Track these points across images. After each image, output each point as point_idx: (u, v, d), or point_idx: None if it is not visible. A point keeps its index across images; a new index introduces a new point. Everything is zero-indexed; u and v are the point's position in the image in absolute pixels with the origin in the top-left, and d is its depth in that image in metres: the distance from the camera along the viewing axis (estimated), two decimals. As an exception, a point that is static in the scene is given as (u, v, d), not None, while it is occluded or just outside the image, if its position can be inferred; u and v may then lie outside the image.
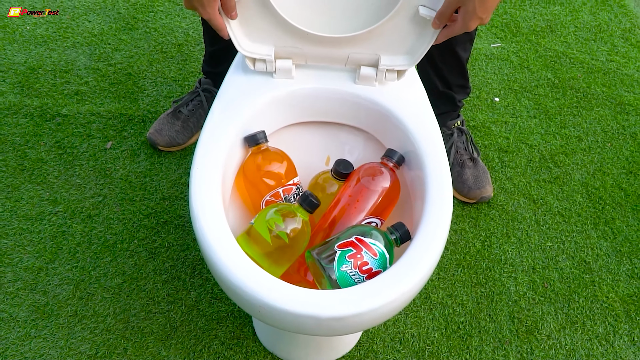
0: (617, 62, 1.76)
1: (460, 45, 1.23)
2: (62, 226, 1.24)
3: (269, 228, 0.81)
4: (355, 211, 0.86)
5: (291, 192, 0.90)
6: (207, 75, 1.44)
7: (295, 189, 0.91)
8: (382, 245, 0.78)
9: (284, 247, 0.81)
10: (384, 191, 0.87)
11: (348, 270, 0.76)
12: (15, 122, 1.42)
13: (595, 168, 1.46)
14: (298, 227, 0.82)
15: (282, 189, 0.89)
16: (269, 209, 0.83)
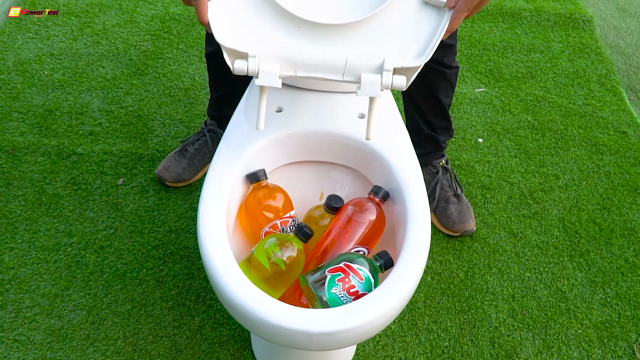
0: (593, 106, 1.89)
1: (442, 92, 1.36)
2: (77, 256, 1.35)
3: (267, 256, 0.92)
4: (345, 241, 0.97)
5: (288, 224, 1.00)
6: (212, 118, 1.55)
7: (292, 221, 1.01)
8: (367, 270, 0.88)
9: (280, 272, 0.92)
10: (370, 223, 0.97)
11: (337, 293, 0.86)
12: (34, 160, 1.54)
13: (571, 204, 1.57)
14: (293, 255, 0.93)
15: (280, 221, 0.99)
16: (267, 238, 0.94)
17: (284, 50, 0.83)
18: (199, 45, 1.94)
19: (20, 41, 1.87)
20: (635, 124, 1.84)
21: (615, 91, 1.96)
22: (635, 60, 2.14)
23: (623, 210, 1.57)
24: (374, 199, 1.00)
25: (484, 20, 2.19)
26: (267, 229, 0.99)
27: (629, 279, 1.41)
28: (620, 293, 1.38)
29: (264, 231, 0.99)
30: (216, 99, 1.48)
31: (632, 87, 2.03)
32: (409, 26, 0.83)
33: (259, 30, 0.83)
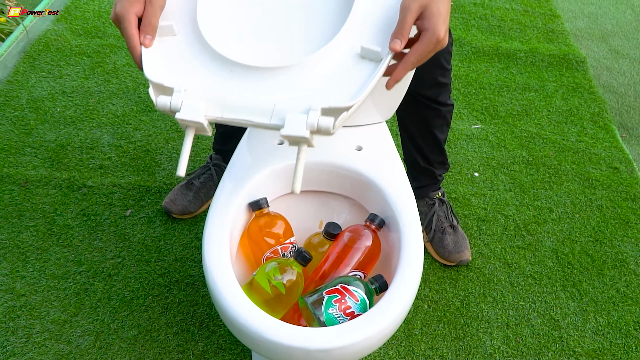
0: (586, 142, 1.95)
1: (438, 128, 1.42)
2: (85, 284, 1.40)
3: (268, 279, 0.97)
4: (343, 265, 1.02)
5: (288, 250, 1.05)
6: (217, 152, 1.62)
7: (292, 247, 1.06)
8: (363, 292, 0.93)
9: (280, 295, 0.96)
10: (366, 249, 1.03)
11: (334, 313, 0.91)
12: (45, 193, 1.60)
13: (564, 236, 1.61)
14: (293, 279, 0.98)
15: (280, 247, 1.05)
16: (268, 263, 0.99)
17: (213, 91, 0.82)
18: (205, 83, 2.03)
19: (34, 80, 1.96)
20: (627, 160, 1.90)
21: (607, 129, 2.03)
22: (627, 99, 2.21)
23: (615, 242, 1.61)
24: (370, 226, 1.05)
25: (480, 60, 2.28)
26: (268, 254, 1.04)
27: (620, 309, 1.44)
28: (612, 322, 1.41)
29: (265, 256, 1.04)
30: (221, 134, 1.55)
31: (624, 124, 2.09)
32: (342, 73, 0.80)
33: (191, 70, 0.82)
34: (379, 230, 1.06)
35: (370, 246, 1.03)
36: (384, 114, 1.23)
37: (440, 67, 1.30)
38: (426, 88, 1.33)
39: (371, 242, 1.03)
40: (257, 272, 0.98)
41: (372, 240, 1.03)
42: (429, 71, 1.23)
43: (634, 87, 2.28)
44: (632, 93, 2.24)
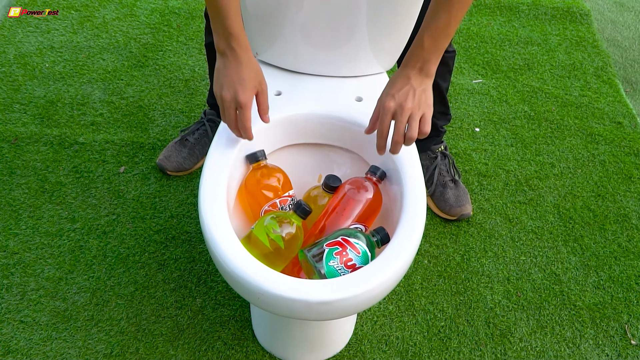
0: (589, 97, 1.92)
1: (440, 76, 1.38)
2: (80, 241, 1.37)
3: (266, 232, 0.94)
4: (343, 218, 0.99)
5: (286, 203, 1.03)
6: (211, 107, 1.58)
7: (290, 200, 1.03)
8: (364, 244, 0.91)
9: (279, 249, 0.94)
10: (367, 201, 1.00)
11: (335, 266, 0.89)
12: (36, 150, 1.56)
13: (566, 191, 1.59)
14: (292, 232, 0.95)
15: (279, 200, 1.02)
16: (266, 216, 0.96)
17: None
18: (198, 37, 1.97)
19: (21, 35, 1.90)
20: (630, 115, 1.86)
21: (611, 83, 1.99)
22: (632, 53, 2.17)
23: (617, 197, 1.59)
24: (371, 178, 1.02)
25: (481, 13, 2.22)
26: (266, 208, 1.01)
27: (622, 263, 1.43)
28: (613, 276, 1.40)
29: (264, 210, 1.01)
30: (216, 88, 1.50)
31: (628, 79, 2.05)
32: None
33: None
34: (380, 183, 1.03)
35: (372, 199, 1.00)
36: (385, 64, 1.19)
37: None
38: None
39: (372, 195, 1.00)
40: (255, 226, 0.96)
41: (374, 192, 1.00)
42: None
43: (638, 40, 2.23)
44: (636, 47, 2.19)
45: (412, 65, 0.91)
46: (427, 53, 0.90)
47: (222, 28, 0.90)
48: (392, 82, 0.92)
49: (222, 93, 0.92)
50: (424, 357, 1.22)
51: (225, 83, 0.92)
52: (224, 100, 0.92)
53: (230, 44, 0.91)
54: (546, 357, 1.24)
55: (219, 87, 0.92)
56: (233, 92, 0.91)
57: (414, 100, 0.89)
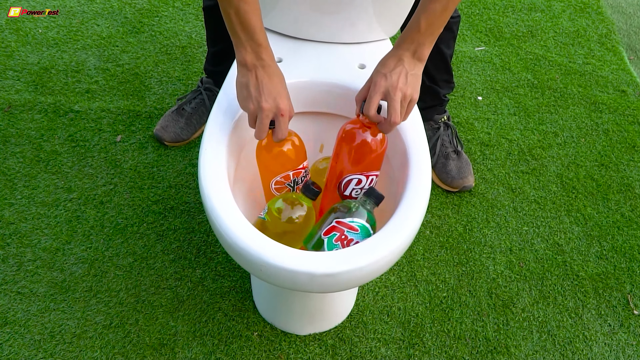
0: (593, 65, 1.88)
1: (444, 42, 1.35)
2: (77, 211, 1.35)
3: (276, 215, 0.92)
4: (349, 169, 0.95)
5: (300, 175, 0.99)
6: (208, 75, 1.54)
7: (304, 172, 0.99)
8: (360, 218, 0.89)
9: (291, 231, 0.92)
10: (366, 145, 0.94)
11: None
12: (30, 118, 1.53)
13: (569, 161, 1.57)
14: (303, 214, 0.93)
15: (293, 172, 0.98)
16: (276, 200, 0.94)
17: None
18: (195, 3, 1.92)
19: (12, 0, 1.85)
20: (634, 83, 1.84)
21: (615, 50, 1.96)
22: (636, 20, 2.12)
23: (620, 166, 1.57)
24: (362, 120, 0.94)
25: (483, -21, 2.17)
26: (278, 179, 0.98)
27: (625, 233, 1.42)
28: (616, 246, 1.39)
29: (275, 180, 0.98)
30: (214, 54, 1.47)
31: (632, 46, 2.02)
32: None
33: None
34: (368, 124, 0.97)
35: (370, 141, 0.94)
36: (388, 30, 1.15)
37: None
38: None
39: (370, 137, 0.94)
40: (266, 214, 0.93)
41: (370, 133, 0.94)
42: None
43: (643, 7, 2.18)
44: (641, 13, 2.15)
45: (405, 47, 0.89)
46: (422, 36, 0.88)
47: (251, 42, 0.88)
48: (384, 61, 0.91)
49: (262, 104, 0.88)
50: (426, 328, 1.21)
51: (264, 94, 0.88)
52: (263, 110, 0.88)
53: (261, 56, 0.89)
54: (548, 328, 1.24)
55: (252, 101, 0.88)
56: (273, 102, 0.88)
57: (406, 82, 0.88)
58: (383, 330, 1.20)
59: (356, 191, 0.98)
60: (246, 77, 0.89)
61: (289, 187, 0.99)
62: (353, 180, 0.97)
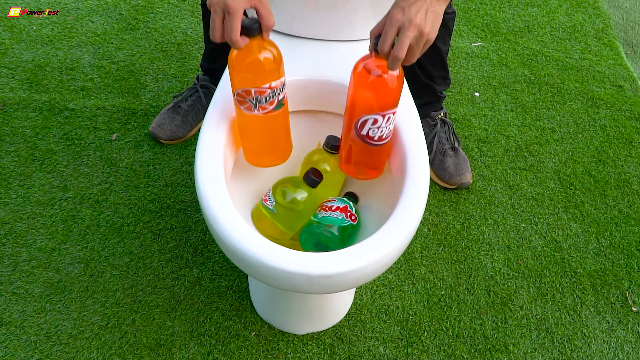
0: (590, 60, 1.88)
1: (440, 38, 1.34)
2: (72, 211, 1.34)
3: (282, 197, 0.94)
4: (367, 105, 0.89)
5: (264, 95, 0.88)
6: (205, 72, 1.53)
7: (270, 93, 0.88)
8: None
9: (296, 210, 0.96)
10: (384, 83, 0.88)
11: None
12: (25, 116, 1.52)
13: (567, 157, 1.57)
14: (305, 196, 0.96)
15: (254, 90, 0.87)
16: (279, 186, 0.96)
17: None
18: (190, -1, 1.91)
19: (5, 7, 1.83)
20: (631, 78, 1.83)
21: (612, 45, 1.95)
22: (633, 15, 2.12)
23: (618, 162, 1.57)
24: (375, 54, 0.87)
25: (480, -27, 2.16)
26: (239, 91, 0.87)
27: (623, 229, 1.42)
28: (614, 243, 1.39)
29: (237, 92, 0.88)
30: (211, 51, 1.45)
31: (629, 41, 2.01)
32: None
33: None
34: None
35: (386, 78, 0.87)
36: (386, 27, 1.14)
37: None
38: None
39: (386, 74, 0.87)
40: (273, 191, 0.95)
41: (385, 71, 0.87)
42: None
43: (639, 1, 2.18)
44: (637, 8, 2.15)
45: None
46: None
47: None
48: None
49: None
50: (425, 326, 1.21)
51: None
52: (212, 4, 0.80)
53: None
54: (547, 325, 1.23)
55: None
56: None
57: (425, 18, 0.80)
58: (381, 329, 1.20)
59: (373, 130, 0.92)
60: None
61: (249, 104, 0.88)
62: (369, 120, 0.91)
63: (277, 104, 0.91)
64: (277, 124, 0.95)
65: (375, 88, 0.88)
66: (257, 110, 0.89)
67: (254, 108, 0.89)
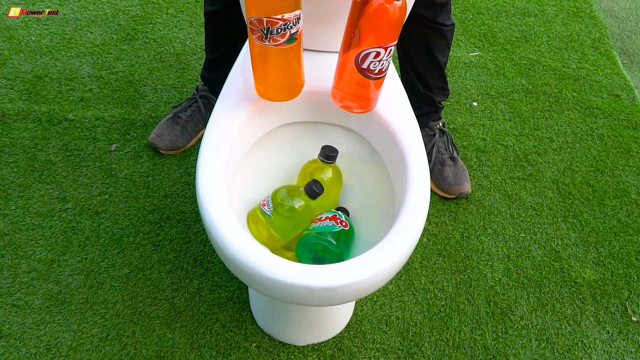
0: (587, 70, 1.89)
1: (438, 50, 1.35)
2: (72, 222, 1.34)
3: (280, 204, 0.94)
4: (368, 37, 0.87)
5: (275, 26, 0.86)
6: (204, 82, 1.54)
7: (282, 24, 0.86)
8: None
9: (292, 218, 0.96)
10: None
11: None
12: (24, 127, 1.52)
13: (565, 166, 1.57)
14: (302, 204, 0.96)
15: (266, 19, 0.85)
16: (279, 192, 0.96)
17: None
18: (188, 10, 1.91)
19: (5, 6, 1.83)
20: (628, 88, 1.84)
21: (608, 55, 1.96)
22: (629, 24, 2.13)
23: (616, 172, 1.58)
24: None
25: (477, -17, 2.17)
26: (252, 19, 0.86)
27: (622, 239, 1.42)
28: (613, 252, 1.39)
29: (249, 20, 0.86)
30: (212, 61, 1.46)
31: (626, 50, 2.02)
32: None
33: None
34: None
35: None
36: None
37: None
38: (425, 8, 1.26)
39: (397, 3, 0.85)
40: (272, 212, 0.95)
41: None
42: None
43: (635, 11, 2.19)
44: (633, 17, 2.16)
45: None
46: None
47: None
48: None
49: None
50: (425, 337, 1.21)
51: None
52: None
53: None
54: (547, 335, 1.24)
55: None
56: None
57: None
58: (382, 340, 1.20)
59: (374, 64, 0.90)
60: None
61: (261, 33, 0.87)
62: (371, 53, 0.89)
63: (289, 38, 0.88)
64: (288, 58, 0.92)
65: (378, 19, 0.85)
66: (268, 41, 0.88)
67: (264, 38, 0.87)
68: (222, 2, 1.30)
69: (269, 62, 0.92)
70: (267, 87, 0.97)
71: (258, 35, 0.88)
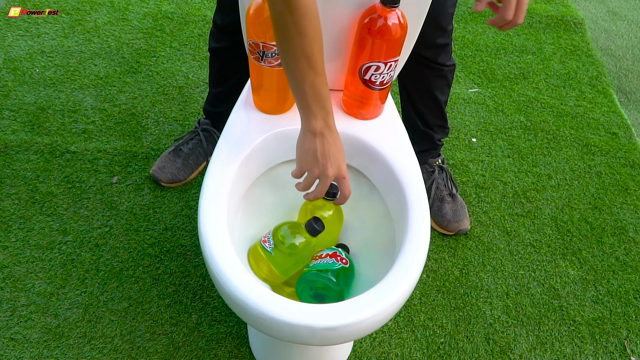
0: (585, 107, 1.91)
1: (438, 89, 1.37)
2: (72, 254, 1.34)
3: (281, 241, 0.94)
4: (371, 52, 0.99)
5: (270, 51, 0.97)
6: (207, 116, 1.55)
7: (276, 50, 0.96)
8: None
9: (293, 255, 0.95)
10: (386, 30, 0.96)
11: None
12: (26, 159, 1.53)
13: (563, 203, 1.58)
14: (303, 241, 0.96)
15: (262, 44, 0.96)
16: (280, 229, 0.96)
17: None
18: (192, 43, 1.94)
19: (10, 39, 1.86)
20: (625, 125, 1.87)
21: (605, 93, 1.99)
22: (626, 63, 2.17)
23: (614, 209, 1.59)
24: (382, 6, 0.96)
25: (476, 21, 2.21)
26: (251, 42, 0.97)
27: (620, 277, 1.43)
28: (612, 290, 1.40)
29: (248, 43, 0.98)
30: (215, 95, 1.48)
31: (622, 89, 2.05)
32: None
33: None
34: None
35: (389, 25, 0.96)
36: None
37: (440, 29, 1.25)
38: (426, 48, 1.28)
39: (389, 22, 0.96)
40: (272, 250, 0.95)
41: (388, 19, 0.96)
42: (427, 32, 1.18)
43: (632, 50, 2.23)
44: (630, 56, 2.20)
45: None
46: None
47: (322, 111, 0.89)
48: None
49: (327, 171, 0.90)
50: (424, 374, 1.21)
51: (331, 161, 0.90)
52: (328, 177, 0.90)
53: (328, 123, 0.90)
54: (546, 375, 1.23)
55: (318, 166, 0.91)
56: (337, 168, 0.91)
57: None
58: (381, 378, 1.19)
59: (375, 76, 1.02)
60: (313, 143, 0.90)
61: (257, 55, 0.98)
62: (372, 67, 1.00)
63: None
64: (281, 78, 1.01)
65: (380, 37, 0.97)
66: (264, 62, 0.99)
67: (260, 59, 0.99)
68: (227, 40, 1.33)
69: (264, 80, 1.03)
70: (261, 99, 1.07)
71: (255, 56, 0.99)
